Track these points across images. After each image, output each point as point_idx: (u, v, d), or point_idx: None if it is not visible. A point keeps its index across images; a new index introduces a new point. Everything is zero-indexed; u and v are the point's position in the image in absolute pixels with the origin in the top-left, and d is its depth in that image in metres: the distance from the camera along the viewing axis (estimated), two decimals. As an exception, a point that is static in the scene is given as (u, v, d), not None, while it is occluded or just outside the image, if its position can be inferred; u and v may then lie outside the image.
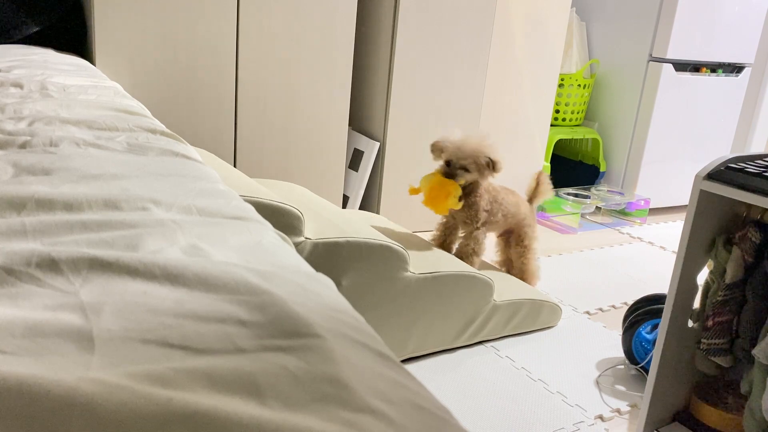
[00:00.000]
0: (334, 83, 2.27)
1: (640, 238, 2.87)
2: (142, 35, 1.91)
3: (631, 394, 1.62)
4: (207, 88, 2.06)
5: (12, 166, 0.84)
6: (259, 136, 2.19)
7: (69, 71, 1.58)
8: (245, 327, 0.49)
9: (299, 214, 1.37)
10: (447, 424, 0.44)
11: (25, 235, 0.63)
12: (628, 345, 1.69)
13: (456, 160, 1.82)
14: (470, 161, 1.81)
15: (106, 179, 0.81)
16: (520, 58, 2.68)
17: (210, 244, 0.65)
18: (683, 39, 2.96)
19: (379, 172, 2.46)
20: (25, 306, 0.49)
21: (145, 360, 0.43)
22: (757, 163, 1.31)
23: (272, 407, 0.40)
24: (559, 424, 1.47)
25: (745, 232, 1.32)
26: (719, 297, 1.36)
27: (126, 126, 1.12)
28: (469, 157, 1.81)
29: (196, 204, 0.77)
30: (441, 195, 1.81)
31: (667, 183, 3.22)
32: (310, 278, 0.63)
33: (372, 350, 0.50)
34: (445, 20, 2.39)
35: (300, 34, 2.15)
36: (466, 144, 1.82)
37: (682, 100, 3.09)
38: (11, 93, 1.28)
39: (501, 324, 1.80)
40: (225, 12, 2.01)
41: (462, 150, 1.81)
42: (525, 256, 2.06)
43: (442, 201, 1.82)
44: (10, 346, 0.43)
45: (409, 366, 1.64)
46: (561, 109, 3.14)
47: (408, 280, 1.57)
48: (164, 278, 0.56)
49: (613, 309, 2.11)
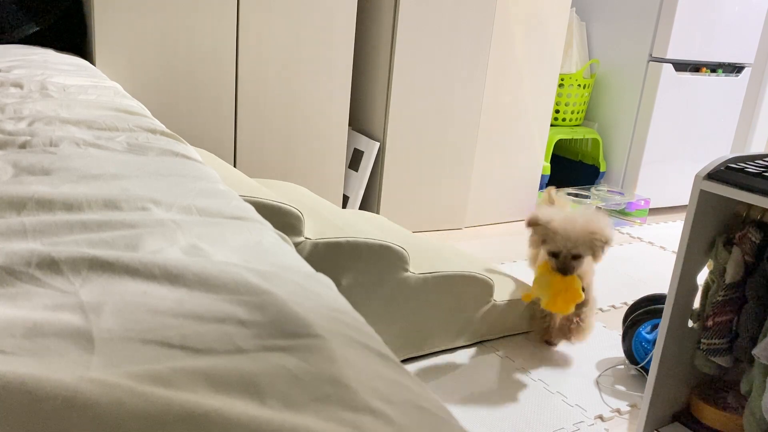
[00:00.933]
0: (334, 83, 2.27)
1: (640, 238, 2.87)
2: (142, 35, 1.91)
3: (631, 394, 1.62)
4: (207, 88, 2.06)
5: (12, 166, 0.84)
6: (259, 136, 2.19)
7: (69, 71, 1.58)
8: (245, 327, 0.49)
9: (299, 214, 1.37)
10: (447, 424, 0.44)
11: (25, 235, 0.63)
12: (628, 345, 1.69)
13: (567, 252, 1.54)
14: (585, 248, 1.54)
15: (106, 179, 0.81)
16: (520, 58, 2.68)
17: (210, 244, 0.65)
18: (683, 39, 2.96)
19: (379, 172, 2.46)
20: (25, 306, 0.49)
21: (145, 360, 0.43)
22: (757, 163, 1.31)
23: (272, 407, 0.40)
24: (559, 424, 1.47)
25: (745, 232, 1.32)
26: (719, 297, 1.36)
27: (126, 126, 1.12)
28: (582, 245, 1.53)
29: (196, 204, 0.77)
30: (570, 297, 1.56)
31: (667, 183, 3.22)
32: (310, 278, 0.63)
33: (372, 350, 0.50)
34: (445, 20, 2.39)
35: (300, 34, 2.15)
36: (574, 229, 1.53)
37: (682, 100, 3.09)
38: (11, 93, 1.28)
39: (501, 324, 1.80)
40: (225, 12, 2.01)
41: (572, 239, 1.53)
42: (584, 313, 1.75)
43: (572, 303, 1.57)
44: (10, 346, 0.43)
45: (409, 366, 1.64)
46: (561, 109, 3.14)
47: (408, 280, 1.57)
48: (164, 278, 0.56)
49: (613, 309, 2.11)
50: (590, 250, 1.54)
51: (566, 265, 1.54)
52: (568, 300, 1.56)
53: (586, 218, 1.56)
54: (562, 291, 1.56)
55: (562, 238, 1.53)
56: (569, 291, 1.55)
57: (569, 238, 1.52)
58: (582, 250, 1.54)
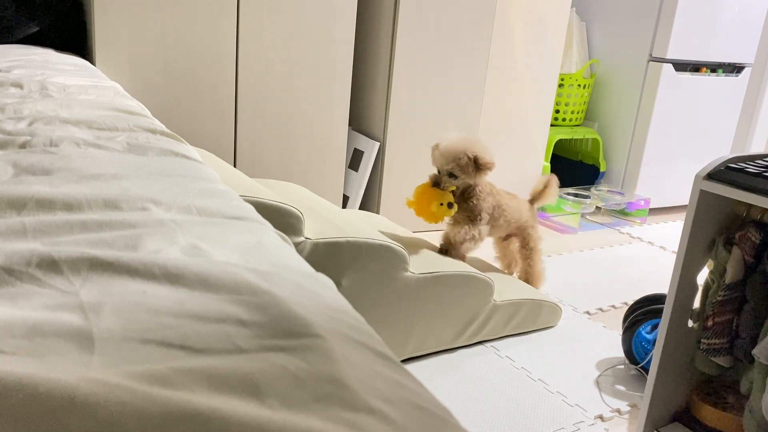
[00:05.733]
0: (334, 83, 2.27)
1: (640, 238, 2.87)
2: (142, 35, 1.91)
3: (631, 394, 1.62)
4: (207, 88, 2.06)
5: (12, 166, 0.84)
6: (259, 136, 2.19)
7: (69, 71, 1.58)
8: (245, 327, 0.49)
9: (299, 214, 1.37)
10: (447, 423, 0.44)
11: (25, 235, 0.63)
12: (628, 345, 1.69)
13: (441, 167, 1.79)
14: (453, 165, 1.77)
15: (106, 179, 0.81)
16: (520, 58, 2.68)
17: (210, 244, 0.65)
18: (683, 39, 2.96)
19: (379, 172, 2.46)
20: (25, 306, 0.49)
21: (145, 360, 0.43)
22: (757, 163, 1.31)
23: (272, 407, 0.40)
24: (559, 424, 1.47)
25: (745, 232, 1.32)
26: (719, 297, 1.36)
27: (126, 126, 1.12)
28: (452, 162, 1.76)
29: (196, 204, 0.77)
30: (424, 202, 1.80)
31: (667, 183, 3.22)
32: (310, 278, 0.63)
33: (372, 350, 0.50)
34: (445, 20, 2.39)
35: (300, 34, 2.15)
36: (450, 148, 1.77)
37: (682, 100, 3.09)
38: (11, 93, 1.28)
39: (501, 324, 1.80)
40: (225, 12, 2.01)
41: (445, 156, 1.77)
42: (531, 258, 2.04)
43: (426, 208, 1.80)
44: (10, 346, 0.43)
45: (409, 366, 1.64)
46: (561, 109, 3.14)
47: (408, 280, 1.57)
48: (164, 278, 0.56)
49: (613, 309, 2.11)
50: (460, 168, 1.77)
51: (437, 179, 1.81)
52: (425, 205, 1.80)
53: (465, 141, 1.79)
54: (422, 197, 1.81)
55: (439, 156, 1.79)
56: (425, 197, 1.81)
57: (443, 155, 1.78)
58: (453, 169, 1.77)
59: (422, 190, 1.82)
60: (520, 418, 1.48)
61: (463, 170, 1.77)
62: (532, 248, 2.04)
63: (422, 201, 1.82)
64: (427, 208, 1.80)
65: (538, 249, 2.05)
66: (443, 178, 1.80)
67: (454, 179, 1.80)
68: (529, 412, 1.50)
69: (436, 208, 1.79)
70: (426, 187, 1.82)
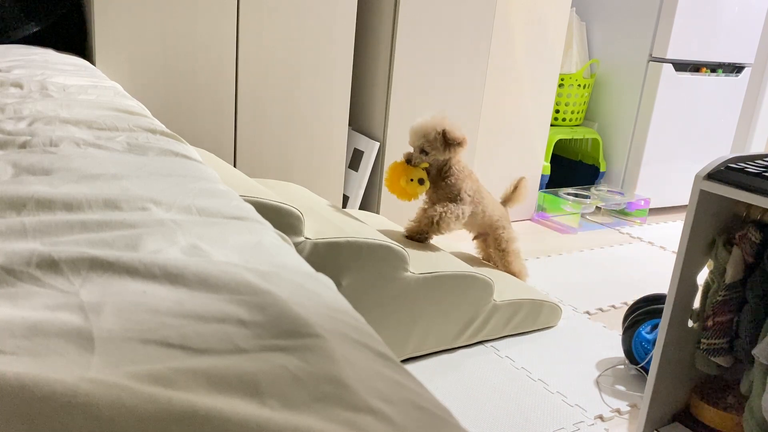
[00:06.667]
0: (334, 83, 2.27)
1: (640, 238, 2.87)
2: (142, 35, 1.91)
3: (631, 394, 1.62)
4: (207, 88, 2.06)
5: (12, 166, 0.84)
6: (259, 136, 2.19)
7: (69, 71, 1.58)
8: (245, 327, 0.49)
9: (299, 214, 1.37)
10: (447, 424, 0.44)
11: (25, 235, 0.63)
12: (628, 345, 1.69)
13: (413, 144, 1.86)
14: (423, 141, 1.83)
15: (106, 179, 0.81)
16: (520, 58, 2.68)
17: (210, 244, 0.65)
18: (683, 39, 2.96)
19: (379, 172, 2.46)
20: (25, 306, 0.49)
21: (145, 360, 0.43)
22: (757, 163, 1.31)
23: (272, 407, 0.40)
24: (559, 424, 1.47)
25: (745, 232, 1.32)
26: (719, 297, 1.36)
27: (126, 126, 1.11)
28: (421, 138, 1.83)
29: (196, 204, 0.77)
30: (395, 178, 1.87)
31: (667, 183, 3.22)
32: (310, 278, 0.63)
33: (372, 350, 0.50)
34: (445, 20, 2.39)
35: (300, 34, 2.15)
36: (421, 125, 1.84)
37: (682, 100, 3.09)
38: (11, 93, 1.28)
39: (501, 324, 1.80)
40: (225, 12, 2.01)
41: (416, 132, 1.84)
42: (506, 259, 2.06)
43: (396, 183, 1.87)
44: (10, 346, 0.43)
45: (409, 366, 1.64)
46: (561, 109, 3.14)
47: (408, 280, 1.57)
48: (164, 278, 0.56)
49: (613, 309, 2.11)
50: (428, 143, 1.83)
51: (410, 156, 1.87)
52: (393, 178, 1.88)
53: (435, 119, 1.84)
54: (395, 173, 1.88)
55: (412, 132, 1.86)
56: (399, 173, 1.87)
57: (414, 132, 1.85)
58: (422, 145, 1.84)
59: (394, 166, 1.90)
60: (520, 418, 1.48)
61: (431, 145, 1.83)
62: (503, 249, 2.04)
63: (393, 177, 1.89)
64: (397, 183, 1.87)
65: (510, 250, 2.06)
66: (414, 155, 1.87)
67: (425, 155, 1.86)
68: (529, 412, 1.50)
69: (405, 183, 1.86)
70: (398, 163, 1.89)
